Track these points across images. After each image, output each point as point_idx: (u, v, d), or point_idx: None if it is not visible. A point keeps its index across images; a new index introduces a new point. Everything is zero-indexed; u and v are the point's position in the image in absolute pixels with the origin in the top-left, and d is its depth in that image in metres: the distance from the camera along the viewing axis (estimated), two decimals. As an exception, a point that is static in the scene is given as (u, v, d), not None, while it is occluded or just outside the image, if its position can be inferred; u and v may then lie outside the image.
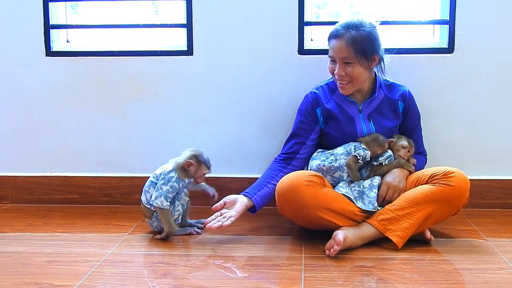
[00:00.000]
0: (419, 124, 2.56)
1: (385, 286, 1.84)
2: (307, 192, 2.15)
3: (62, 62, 2.81)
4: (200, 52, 2.76)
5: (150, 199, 2.31)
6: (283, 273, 1.96)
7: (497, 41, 2.68)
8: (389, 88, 2.49)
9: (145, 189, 2.36)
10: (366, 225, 2.23)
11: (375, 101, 2.45)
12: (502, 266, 2.01)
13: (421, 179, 2.30)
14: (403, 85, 2.51)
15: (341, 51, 2.31)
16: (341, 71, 2.33)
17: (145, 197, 2.35)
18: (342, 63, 2.32)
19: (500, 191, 2.77)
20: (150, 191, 2.32)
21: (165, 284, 1.86)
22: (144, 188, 2.37)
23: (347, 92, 2.39)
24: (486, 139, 2.75)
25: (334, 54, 2.34)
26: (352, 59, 2.30)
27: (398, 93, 2.48)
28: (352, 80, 2.35)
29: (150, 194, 2.32)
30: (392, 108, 2.46)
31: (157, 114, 2.82)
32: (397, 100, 2.46)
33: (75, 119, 2.84)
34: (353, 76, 2.33)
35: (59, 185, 2.89)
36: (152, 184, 2.33)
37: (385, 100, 2.46)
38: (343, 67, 2.32)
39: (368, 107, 2.44)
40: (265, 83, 2.75)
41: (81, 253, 2.17)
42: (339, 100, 2.45)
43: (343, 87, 2.37)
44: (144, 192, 2.36)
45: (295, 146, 2.46)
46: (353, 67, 2.31)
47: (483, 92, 2.71)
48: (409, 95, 2.49)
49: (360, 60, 2.31)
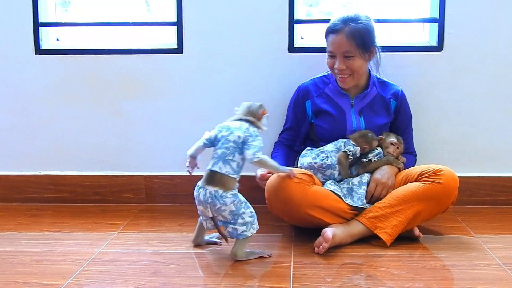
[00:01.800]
0: (410, 125, 2.57)
1: (374, 283, 1.84)
2: (297, 190, 2.15)
3: (52, 60, 2.80)
4: (190, 50, 2.76)
5: (236, 167, 2.05)
6: (272, 271, 1.96)
7: (486, 39, 2.69)
8: (382, 86, 2.50)
9: (225, 159, 2.03)
10: (355, 222, 2.23)
11: (367, 97, 2.46)
12: (490, 262, 2.02)
13: (410, 177, 2.31)
14: (396, 85, 2.53)
15: (342, 45, 2.33)
16: (342, 65, 2.35)
17: (229, 167, 2.04)
18: (342, 57, 2.35)
19: (490, 188, 2.78)
20: (235, 158, 2.04)
21: (154, 283, 1.85)
22: (219, 158, 2.04)
23: (347, 85, 2.42)
24: (476, 137, 2.76)
25: (334, 48, 2.36)
26: (353, 52, 2.33)
27: (391, 91, 2.50)
28: (353, 73, 2.38)
29: (235, 162, 2.04)
30: (384, 105, 2.48)
31: (148, 112, 2.82)
32: (390, 98, 2.48)
33: (65, 117, 2.84)
34: (354, 68, 2.36)
35: (49, 183, 2.88)
36: (236, 149, 2.04)
37: (377, 97, 2.47)
38: (344, 60, 2.35)
39: (360, 102, 2.45)
40: (255, 81, 2.76)
41: (70, 252, 2.16)
42: (331, 93, 2.47)
43: (344, 80, 2.40)
44: (222, 161, 2.03)
45: (290, 138, 2.56)
46: (353, 60, 2.35)
47: (473, 89, 2.72)
48: (401, 94, 2.51)
49: (360, 52, 2.34)
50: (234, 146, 2.04)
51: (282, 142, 2.59)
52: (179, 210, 2.72)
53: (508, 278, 1.87)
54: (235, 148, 2.04)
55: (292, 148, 2.57)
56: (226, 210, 2.00)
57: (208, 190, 2.02)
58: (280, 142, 2.60)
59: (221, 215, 2.02)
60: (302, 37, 2.82)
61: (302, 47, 2.74)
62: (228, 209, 2.00)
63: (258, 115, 2.14)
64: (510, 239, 2.31)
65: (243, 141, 2.04)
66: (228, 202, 2.00)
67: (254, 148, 2.02)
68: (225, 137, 2.06)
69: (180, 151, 2.81)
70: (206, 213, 2.05)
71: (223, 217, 2.03)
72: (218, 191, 2.00)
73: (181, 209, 2.74)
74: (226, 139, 2.06)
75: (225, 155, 2.04)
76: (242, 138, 2.04)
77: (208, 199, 2.01)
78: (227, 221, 2.03)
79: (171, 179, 2.85)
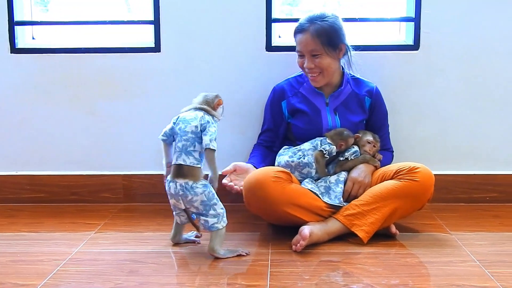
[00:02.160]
0: (386, 121, 2.59)
1: (351, 280, 1.86)
2: (274, 188, 2.16)
3: (27, 59, 2.77)
4: (167, 49, 2.75)
5: (198, 156, 2.05)
6: (249, 268, 1.97)
7: (462, 38, 2.72)
8: (356, 83, 2.52)
9: (187, 150, 2.04)
10: (333, 220, 2.24)
11: (342, 95, 2.48)
12: (465, 259, 2.05)
13: (386, 175, 2.32)
14: (371, 82, 2.55)
15: (308, 44, 2.35)
16: (310, 63, 2.37)
17: (192, 157, 2.04)
18: (310, 55, 2.37)
19: (465, 186, 2.81)
20: (196, 148, 2.04)
21: (132, 282, 1.85)
22: (181, 151, 2.04)
23: (318, 84, 2.44)
24: (452, 135, 2.79)
25: (301, 48, 2.38)
26: (319, 50, 2.35)
27: (365, 88, 2.51)
28: (323, 71, 2.39)
29: (197, 151, 2.04)
30: (358, 103, 2.49)
31: (126, 111, 2.80)
32: (364, 95, 2.50)
33: (42, 117, 2.81)
34: (322, 67, 2.38)
35: (26, 184, 2.86)
36: (195, 139, 2.04)
37: (352, 95, 2.49)
38: (312, 59, 2.37)
39: (335, 100, 2.47)
40: (233, 80, 2.76)
41: (47, 252, 2.15)
42: (306, 93, 2.48)
43: (315, 79, 2.41)
44: (185, 153, 2.04)
45: (269, 140, 2.57)
46: (321, 58, 2.36)
47: (448, 88, 2.75)
48: (376, 91, 2.53)
49: (327, 51, 2.36)
50: (193, 137, 2.05)
51: (261, 144, 2.60)
52: (157, 210, 2.71)
53: (482, 274, 1.90)
54: (194, 138, 2.05)
55: (272, 149, 2.57)
56: (197, 200, 2.02)
57: (178, 182, 2.03)
58: (259, 144, 2.60)
59: (193, 206, 2.04)
60: (279, 36, 2.83)
61: (279, 45, 2.75)
62: (199, 199, 2.02)
63: (213, 105, 2.16)
64: (485, 236, 2.34)
65: (201, 130, 2.06)
66: (199, 192, 2.01)
67: (211, 134, 2.05)
68: (182, 130, 2.07)
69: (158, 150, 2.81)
70: (178, 205, 2.07)
71: (195, 208, 2.04)
72: (188, 182, 2.02)
73: (159, 208, 2.73)
74: (184, 131, 2.07)
75: (186, 147, 2.05)
76: (199, 127, 2.06)
77: (179, 192, 2.02)
78: (199, 212, 2.05)
79: (149, 179, 2.83)
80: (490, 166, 2.82)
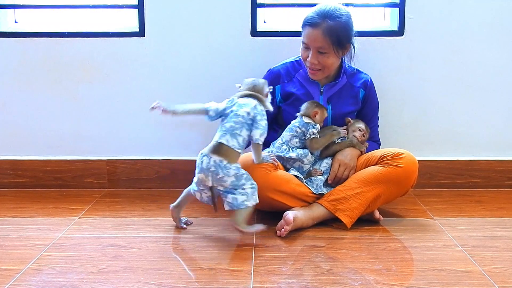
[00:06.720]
0: (376, 113, 2.59)
1: (335, 265, 1.87)
2: (258, 174, 2.15)
3: (10, 43, 2.74)
4: (152, 33, 2.73)
5: (241, 142, 2.06)
6: (234, 253, 1.98)
7: (446, 24, 2.72)
8: (352, 74, 2.51)
9: (233, 132, 2.04)
10: (317, 205, 2.25)
11: (337, 86, 2.47)
12: (447, 243, 2.07)
13: (371, 160, 2.34)
14: (366, 74, 2.55)
15: (317, 40, 2.31)
16: (314, 59, 2.34)
17: (236, 141, 2.04)
18: (316, 51, 2.33)
19: (448, 171, 2.84)
20: (242, 133, 2.05)
21: (115, 267, 1.85)
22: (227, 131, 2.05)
23: (317, 78, 2.42)
24: (435, 121, 2.81)
25: (309, 42, 2.34)
26: (327, 49, 2.32)
27: (360, 80, 2.51)
28: (324, 68, 2.38)
29: (241, 137, 2.05)
30: (352, 94, 2.49)
31: (109, 96, 2.78)
32: (359, 87, 2.49)
33: (24, 101, 2.78)
34: (325, 65, 2.36)
35: (8, 169, 2.83)
36: (243, 125, 2.06)
37: (347, 85, 2.48)
38: (316, 55, 2.34)
39: (330, 90, 2.46)
40: (217, 65, 2.75)
41: (30, 237, 2.14)
42: (302, 79, 2.47)
43: (314, 74, 2.40)
44: (230, 134, 2.04)
45: None
46: (327, 57, 2.34)
47: (432, 74, 2.76)
48: (370, 84, 2.52)
49: (335, 50, 2.33)
50: (242, 122, 2.06)
51: None
52: (142, 195, 2.71)
53: (465, 259, 1.92)
54: (243, 124, 2.06)
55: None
56: (227, 180, 2.01)
57: (212, 158, 2.02)
58: None
59: (221, 185, 2.03)
60: (264, 21, 2.82)
61: (264, 31, 2.74)
62: (230, 179, 2.01)
63: (264, 93, 2.17)
64: (467, 221, 2.36)
65: (252, 119, 2.07)
66: (231, 173, 2.01)
67: (262, 129, 2.08)
68: (235, 112, 2.08)
69: (142, 135, 2.81)
70: (205, 181, 2.05)
71: (223, 186, 2.04)
72: (223, 161, 2.01)
73: (144, 193, 2.73)
74: (236, 113, 2.08)
75: (233, 129, 2.05)
76: (251, 115, 2.07)
77: (212, 167, 2.01)
78: (227, 190, 2.04)
79: (134, 164, 2.82)
80: (473, 152, 2.84)
